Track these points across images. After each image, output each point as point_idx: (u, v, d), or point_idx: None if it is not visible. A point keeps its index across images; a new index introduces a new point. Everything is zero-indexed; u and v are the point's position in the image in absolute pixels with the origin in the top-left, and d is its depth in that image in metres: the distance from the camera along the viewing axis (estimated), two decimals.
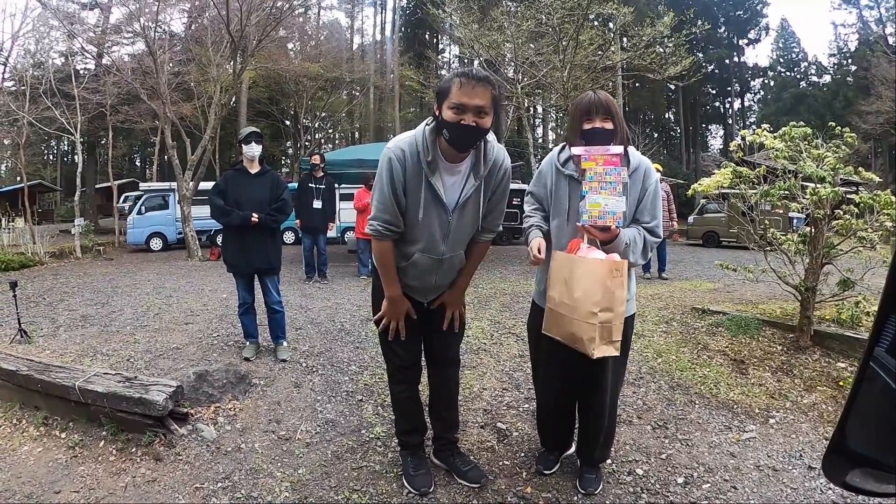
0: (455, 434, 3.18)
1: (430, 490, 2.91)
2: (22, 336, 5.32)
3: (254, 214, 4.63)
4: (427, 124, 2.50)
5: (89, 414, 3.60)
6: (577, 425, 3.12)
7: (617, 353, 2.45)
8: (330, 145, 41.85)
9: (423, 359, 3.08)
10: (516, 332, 5.62)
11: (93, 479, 3.13)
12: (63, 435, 3.61)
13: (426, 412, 3.21)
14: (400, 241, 2.65)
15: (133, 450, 3.38)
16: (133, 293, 8.16)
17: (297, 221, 9.55)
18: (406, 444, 3.08)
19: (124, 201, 28.22)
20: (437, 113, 2.44)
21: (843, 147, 4.95)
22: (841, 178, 4.85)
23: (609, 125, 2.54)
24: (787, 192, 4.88)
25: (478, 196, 2.58)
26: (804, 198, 4.77)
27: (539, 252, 2.59)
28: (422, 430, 3.14)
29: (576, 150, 2.50)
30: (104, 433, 3.52)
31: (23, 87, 17.59)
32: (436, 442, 3.18)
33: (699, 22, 16.63)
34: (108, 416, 3.52)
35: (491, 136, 2.55)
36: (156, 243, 17.34)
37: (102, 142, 26.66)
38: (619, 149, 2.44)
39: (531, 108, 32.73)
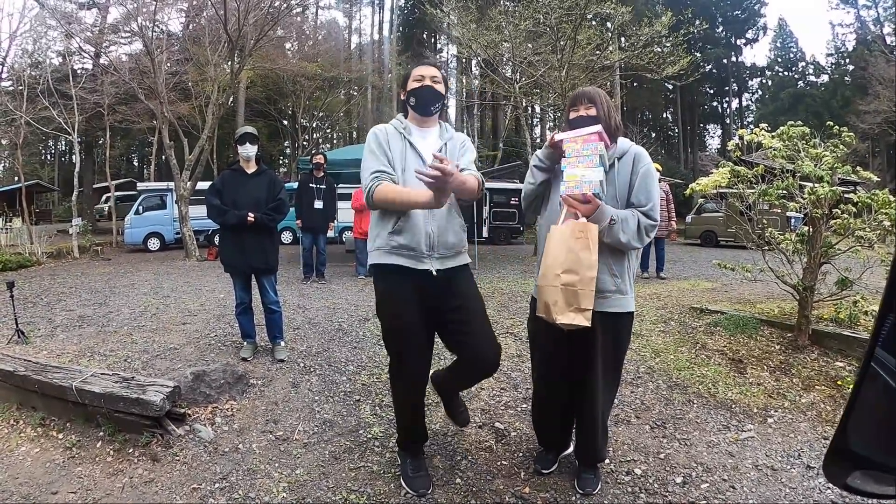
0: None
1: (429, 492, 2.92)
2: (19, 336, 5.31)
3: (250, 214, 4.62)
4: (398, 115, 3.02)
5: (87, 414, 3.59)
6: (574, 425, 3.12)
7: (587, 324, 2.41)
8: (328, 145, 41.84)
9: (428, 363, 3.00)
10: (514, 332, 5.61)
11: (90, 479, 3.12)
12: (60, 435, 3.60)
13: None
14: None
15: (130, 450, 3.37)
16: (130, 293, 8.15)
17: (298, 222, 9.54)
18: (406, 447, 3.09)
19: (105, 201, 28.28)
20: (402, 97, 2.94)
21: (841, 146, 4.95)
22: (839, 178, 4.85)
23: (592, 111, 2.65)
24: (785, 192, 4.88)
25: (447, 153, 2.79)
26: (802, 197, 4.77)
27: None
28: (423, 439, 3.15)
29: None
30: (101, 434, 3.51)
31: (20, 87, 17.55)
32: (446, 397, 3.18)
33: (697, 21, 16.65)
34: (106, 416, 3.51)
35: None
36: (153, 243, 17.32)
37: (100, 142, 26.63)
38: (596, 127, 2.50)
39: (529, 108, 32.72)
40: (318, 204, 9.29)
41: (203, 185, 13.41)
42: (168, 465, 3.24)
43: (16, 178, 26.88)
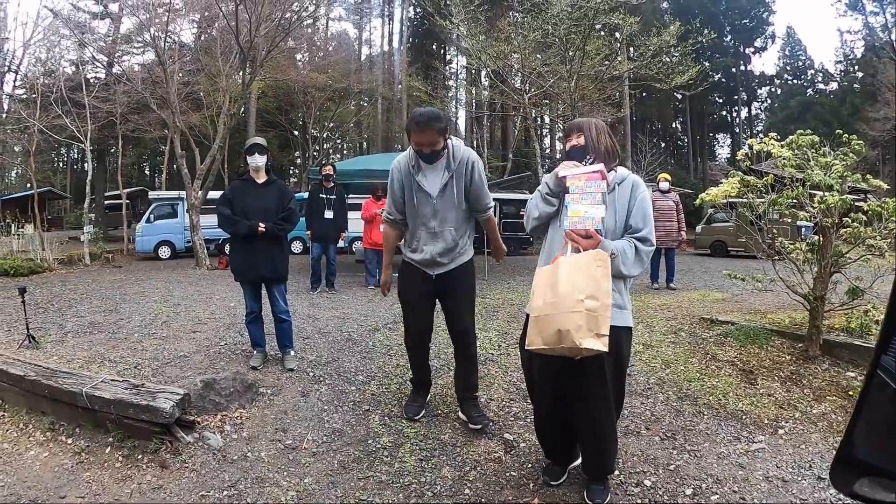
0: (473, 393, 3.91)
1: (416, 417, 3.87)
2: (30, 341, 5.34)
3: (260, 224, 4.64)
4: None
5: (96, 420, 3.61)
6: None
7: (605, 349, 2.45)
8: (338, 155, 42.07)
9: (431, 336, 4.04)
10: None
11: (98, 484, 3.14)
12: (69, 440, 3.61)
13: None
14: (411, 224, 3.67)
15: (139, 456, 3.38)
16: (141, 301, 8.19)
17: (309, 232, 9.56)
18: (413, 385, 4.10)
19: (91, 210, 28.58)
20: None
21: (851, 154, 4.93)
22: (849, 186, 4.83)
23: (581, 140, 2.85)
24: (794, 201, 4.87)
25: (452, 184, 3.52)
26: (812, 206, 4.74)
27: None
28: (425, 383, 4.10)
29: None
30: (110, 439, 3.52)
31: (34, 95, 17.73)
32: (458, 398, 3.97)
33: (705, 31, 16.61)
34: (115, 422, 3.52)
35: (457, 141, 3.59)
36: (164, 251, 17.45)
37: (112, 150, 26.85)
38: (598, 166, 2.66)
39: (538, 119, 32.78)
40: (329, 214, 9.33)
41: (214, 194, 13.49)
42: (177, 471, 3.25)
43: (28, 185, 27.12)
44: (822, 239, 4.82)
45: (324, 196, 9.35)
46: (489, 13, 18.59)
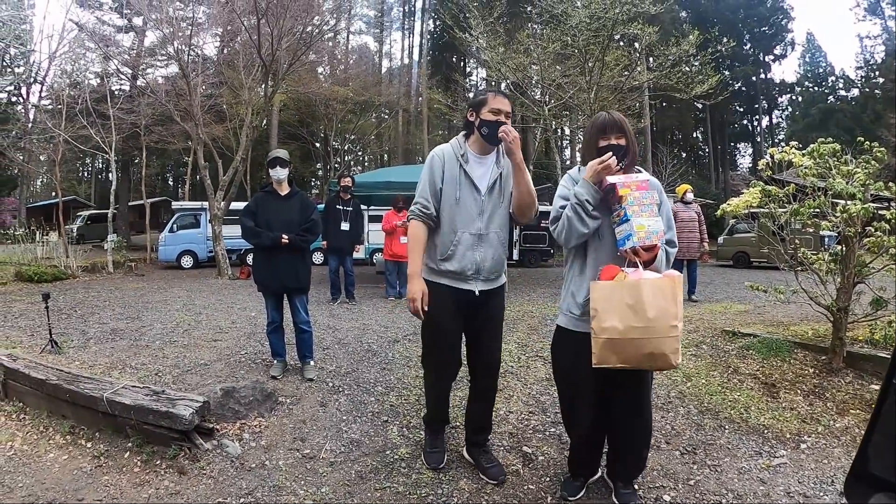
0: (485, 438, 3.49)
1: (441, 466, 3.35)
2: (52, 346, 5.42)
3: (283, 235, 4.70)
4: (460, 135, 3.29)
5: (116, 425, 3.66)
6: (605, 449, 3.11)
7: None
8: (359, 167, 42.38)
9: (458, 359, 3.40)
10: (544, 356, 5.55)
11: (116, 488, 3.17)
12: (89, 444, 3.66)
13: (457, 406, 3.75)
14: (446, 226, 3.12)
15: (157, 462, 3.41)
16: (163, 309, 8.28)
17: (324, 243, 9.61)
18: (430, 427, 3.52)
19: (74, 221, 29.24)
20: (471, 118, 3.16)
21: (873, 162, 4.84)
22: (871, 194, 4.75)
23: (622, 141, 2.73)
24: (817, 211, 4.80)
25: (502, 183, 3.15)
26: (834, 216, 4.67)
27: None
28: (445, 421, 3.54)
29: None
30: (130, 444, 3.56)
31: (59, 106, 18.09)
32: (468, 441, 3.49)
33: (724, 39, 16.48)
34: (135, 428, 3.56)
35: None
36: (187, 261, 17.66)
37: (136, 161, 27.24)
38: (646, 175, 2.63)
39: (558, 130, 32.70)
40: (345, 226, 9.37)
41: (237, 205, 13.65)
42: (195, 478, 3.28)
43: (53, 194, 27.64)
44: (844, 249, 4.74)
45: (340, 207, 9.40)
46: (508, 25, 18.57)
